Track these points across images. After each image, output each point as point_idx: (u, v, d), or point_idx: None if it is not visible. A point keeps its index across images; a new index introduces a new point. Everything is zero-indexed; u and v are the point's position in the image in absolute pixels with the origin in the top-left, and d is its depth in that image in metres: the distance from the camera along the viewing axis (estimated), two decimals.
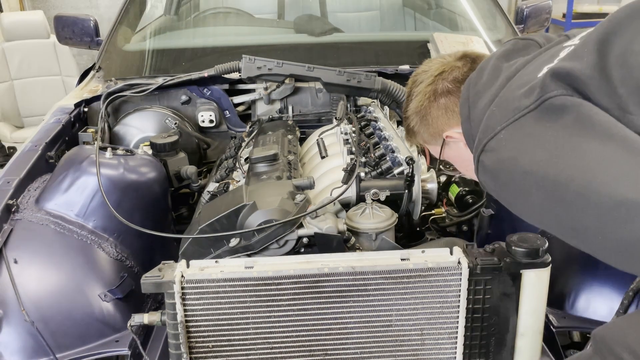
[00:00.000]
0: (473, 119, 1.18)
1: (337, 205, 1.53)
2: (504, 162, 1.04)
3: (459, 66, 1.32)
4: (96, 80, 2.53)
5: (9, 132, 4.74)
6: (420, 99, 1.34)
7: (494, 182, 1.09)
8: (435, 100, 1.32)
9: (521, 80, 1.08)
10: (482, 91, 1.17)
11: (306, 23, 2.82)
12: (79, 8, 6.26)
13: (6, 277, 1.43)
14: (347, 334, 1.26)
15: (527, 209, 1.05)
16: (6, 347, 1.35)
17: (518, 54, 1.21)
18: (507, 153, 1.03)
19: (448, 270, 1.22)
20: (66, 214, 1.64)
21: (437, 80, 1.32)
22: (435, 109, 1.33)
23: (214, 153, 2.37)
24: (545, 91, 0.99)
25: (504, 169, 1.04)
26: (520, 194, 1.02)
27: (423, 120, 1.36)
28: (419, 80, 1.37)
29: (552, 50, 1.13)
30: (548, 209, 0.98)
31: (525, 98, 1.02)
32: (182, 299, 1.20)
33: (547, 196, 0.96)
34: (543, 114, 0.98)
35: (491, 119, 1.09)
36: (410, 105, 1.37)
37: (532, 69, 1.10)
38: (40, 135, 2.00)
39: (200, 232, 1.43)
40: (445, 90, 1.31)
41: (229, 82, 2.38)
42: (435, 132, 1.36)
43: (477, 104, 1.17)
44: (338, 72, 2.11)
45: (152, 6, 3.07)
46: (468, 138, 1.22)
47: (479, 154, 1.09)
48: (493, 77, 1.17)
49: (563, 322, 1.43)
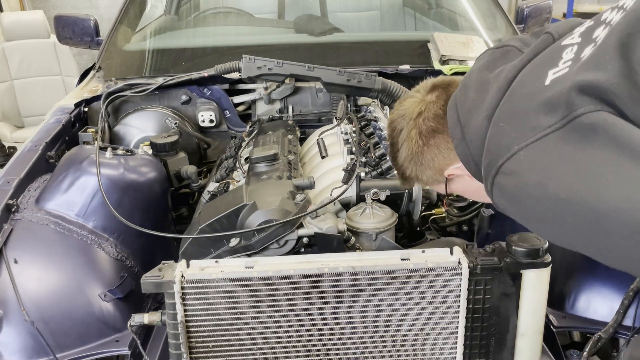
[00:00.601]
0: (470, 138, 1.12)
1: (337, 205, 1.53)
2: (528, 187, 0.96)
3: (434, 101, 1.25)
4: (96, 80, 2.53)
5: (9, 132, 4.74)
6: (408, 146, 1.27)
7: (515, 206, 1.02)
8: (424, 144, 1.25)
9: (526, 90, 1.02)
10: (473, 108, 1.11)
11: (306, 23, 2.82)
12: (79, 8, 6.26)
13: (6, 277, 1.43)
14: (347, 333, 1.26)
15: (559, 235, 0.98)
16: (6, 347, 1.35)
17: (499, 62, 1.15)
18: (532, 177, 0.95)
19: (448, 270, 1.22)
20: (66, 214, 1.64)
21: (418, 123, 1.25)
22: (428, 152, 1.26)
23: (214, 153, 2.37)
24: (572, 108, 0.90)
25: (529, 195, 0.96)
26: (551, 221, 0.95)
27: (419, 166, 1.29)
28: (398, 128, 1.29)
29: (548, 52, 1.07)
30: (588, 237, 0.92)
31: (546, 115, 0.94)
32: (182, 299, 1.20)
33: (588, 225, 0.89)
34: (571, 133, 0.90)
35: (502, 137, 1.01)
36: (400, 155, 1.30)
37: (533, 76, 1.03)
38: (41, 135, 2.00)
39: (201, 232, 1.43)
40: (431, 130, 1.24)
41: (229, 82, 2.38)
42: (435, 173, 1.29)
43: (470, 122, 1.11)
44: (338, 72, 2.10)
45: (152, 6, 3.07)
46: (466, 159, 1.16)
47: (494, 176, 1.02)
48: (481, 91, 1.11)
49: (563, 322, 1.43)
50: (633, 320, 1.36)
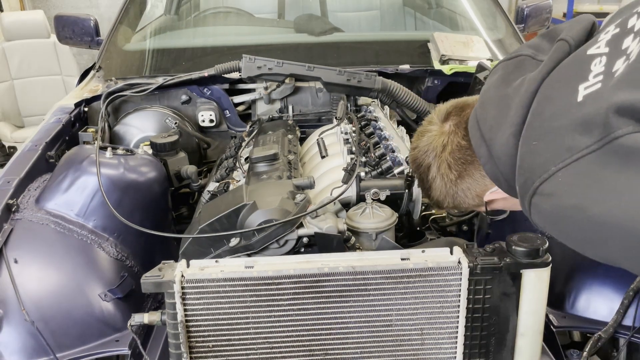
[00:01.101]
0: (497, 156, 1.10)
1: (337, 204, 1.53)
2: (567, 210, 0.94)
3: (453, 130, 1.23)
4: (96, 80, 2.53)
5: (9, 132, 4.74)
6: (441, 182, 1.26)
7: (554, 227, 1.01)
8: (457, 177, 1.25)
9: (557, 107, 0.99)
10: (496, 125, 1.09)
11: (306, 23, 2.82)
12: (79, 8, 6.26)
13: (6, 276, 1.43)
14: (347, 333, 1.26)
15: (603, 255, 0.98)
16: (6, 346, 1.35)
17: (515, 74, 1.13)
18: (571, 200, 0.93)
19: (448, 270, 1.22)
20: (66, 214, 1.64)
21: (446, 157, 1.24)
22: (462, 183, 1.25)
23: (214, 153, 2.37)
24: (610, 130, 0.88)
25: (568, 217, 0.95)
26: (594, 243, 0.95)
27: (457, 198, 1.28)
28: (425, 164, 1.28)
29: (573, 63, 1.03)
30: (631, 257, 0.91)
31: (582, 136, 0.91)
32: (182, 299, 1.20)
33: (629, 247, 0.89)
34: (610, 156, 0.88)
35: (537, 156, 0.99)
36: (433, 191, 1.30)
37: (562, 91, 1.00)
38: (41, 135, 2.00)
39: (201, 232, 1.43)
40: (461, 162, 1.23)
41: (229, 82, 2.38)
42: (473, 200, 1.28)
43: (495, 139, 1.09)
44: (338, 71, 2.10)
45: (153, 6, 3.07)
46: (496, 177, 1.15)
47: (531, 196, 1.00)
48: (503, 106, 1.09)
49: (563, 322, 1.43)
50: (633, 320, 1.36)
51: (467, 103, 1.26)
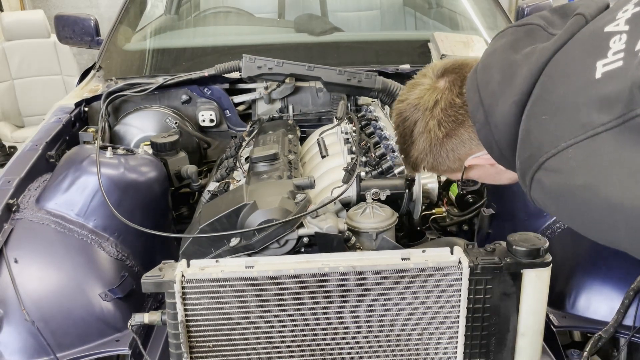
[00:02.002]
0: (495, 123, 1.05)
1: (338, 204, 1.53)
2: (574, 187, 0.91)
3: (448, 87, 1.17)
4: (96, 80, 2.53)
5: (9, 132, 4.74)
6: (427, 138, 1.19)
7: (556, 204, 0.98)
8: (445, 136, 1.17)
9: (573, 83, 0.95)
10: (499, 91, 1.04)
11: (306, 22, 2.82)
12: (80, 7, 6.26)
13: (6, 276, 1.43)
14: (347, 333, 1.26)
15: (609, 239, 0.95)
16: (6, 346, 1.35)
17: (524, 42, 1.08)
18: (580, 178, 0.90)
19: (449, 270, 1.22)
20: (66, 214, 1.64)
21: (436, 114, 1.17)
22: (449, 143, 1.18)
23: (215, 152, 2.37)
24: (632, 107, 0.84)
25: (575, 195, 0.91)
26: (602, 225, 0.91)
27: (438, 158, 1.21)
28: (412, 119, 1.20)
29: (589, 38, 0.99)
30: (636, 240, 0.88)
31: (599, 113, 0.88)
32: (182, 299, 1.20)
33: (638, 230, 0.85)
34: (628, 134, 0.85)
35: (546, 131, 0.96)
36: (415, 147, 1.22)
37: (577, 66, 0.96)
38: (41, 135, 2.00)
39: (201, 232, 1.43)
40: (452, 121, 1.16)
41: (229, 82, 2.38)
42: (454, 162, 1.22)
43: (496, 105, 1.05)
44: (338, 71, 2.10)
45: (153, 6, 3.07)
46: (489, 145, 1.10)
47: (535, 171, 0.97)
48: (509, 73, 1.04)
49: (563, 322, 1.43)
50: (633, 320, 1.36)
51: (465, 62, 1.20)
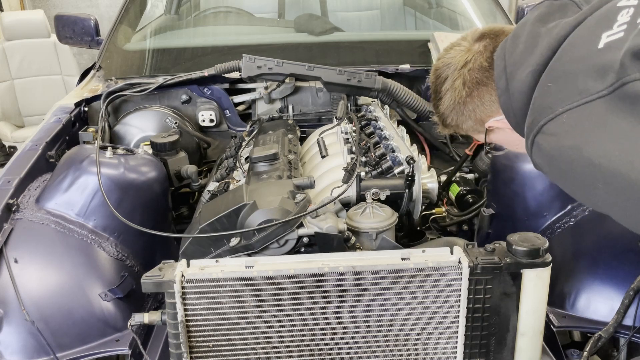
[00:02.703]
0: (512, 91, 1.12)
1: (338, 204, 1.53)
2: (565, 150, 0.97)
3: (481, 51, 1.24)
4: (96, 80, 2.53)
5: (9, 132, 4.74)
6: (452, 95, 1.27)
7: (551, 167, 1.04)
8: (468, 95, 1.25)
9: (579, 51, 1.00)
10: (520, 60, 1.11)
11: (306, 22, 2.82)
12: (80, 7, 6.26)
13: (6, 276, 1.43)
14: (347, 333, 1.26)
15: (590, 199, 1.01)
16: (7, 346, 1.35)
17: (554, 16, 1.12)
18: (570, 140, 0.96)
19: (448, 269, 1.22)
20: (66, 214, 1.64)
21: (463, 73, 1.25)
22: (470, 102, 1.26)
23: (215, 152, 2.37)
24: (622, 75, 0.89)
25: (566, 157, 0.97)
26: (584, 185, 0.97)
27: (460, 116, 1.30)
28: (443, 76, 1.29)
29: (603, 12, 1.04)
30: (616, 203, 0.93)
31: (595, 80, 0.93)
32: (182, 299, 1.20)
33: (617, 192, 0.91)
34: (618, 101, 0.90)
35: (548, 97, 1.02)
36: (442, 103, 1.30)
37: (585, 37, 1.01)
38: (41, 135, 2.00)
39: (201, 232, 1.43)
40: (475, 82, 1.24)
41: (229, 82, 2.38)
42: (476, 123, 1.30)
43: (515, 74, 1.11)
44: (338, 71, 2.10)
45: (153, 5, 3.07)
46: (508, 112, 1.16)
47: (535, 134, 1.03)
48: (531, 44, 1.10)
49: (563, 322, 1.43)
50: (633, 320, 1.36)
51: (503, 30, 1.26)
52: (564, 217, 1.62)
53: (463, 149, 2.17)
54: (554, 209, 1.64)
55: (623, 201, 0.92)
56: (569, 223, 1.60)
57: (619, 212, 0.97)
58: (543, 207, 1.66)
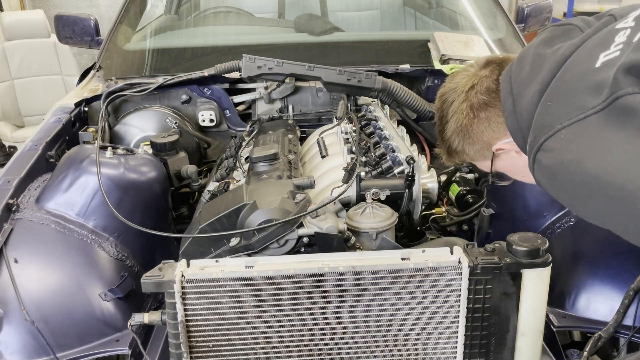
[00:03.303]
0: (520, 112, 1.14)
1: (338, 204, 1.53)
2: (564, 164, 1.00)
3: (487, 75, 1.26)
4: (96, 80, 2.53)
5: (9, 132, 4.74)
6: (458, 118, 1.28)
7: (551, 182, 1.06)
8: (475, 117, 1.27)
9: (577, 71, 1.03)
10: (527, 81, 1.13)
11: (306, 22, 2.82)
12: (80, 7, 6.27)
13: (6, 276, 1.43)
14: (347, 333, 1.26)
15: (588, 212, 1.03)
16: (6, 346, 1.35)
17: (559, 40, 1.16)
18: (569, 155, 0.98)
19: (448, 269, 1.22)
20: (66, 214, 1.64)
21: (470, 96, 1.26)
22: (477, 125, 1.27)
23: (215, 152, 2.37)
24: (616, 89, 0.93)
25: (565, 171, 1.00)
26: (582, 197, 0.99)
27: (466, 139, 1.30)
28: (449, 100, 1.30)
29: (603, 34, 1.07)
30: (613, 214, 0.95)
31: (591, 97, 0.96)
32: (182, 299, 1.20)
33: (614, 204, 0.93)
34: (612, 115, 0.93)
35: (548, 115, 1.05)
36: (448, 127, 1.31)
37: (584, 56, 1.05)
38: (41, 135, 2.00)
39: (201, 232, 1.43)
40: (482, 104, 1.25)
41: (229, 82, 2.38)
42: (482, 147, 1.30)
43: (522, 95, 1.13)
44: (338, 71, 2.10)
45: (153, 5, 3.07)
46: (516, 133, 1.17)
47: (536, 152, 1.05)
48: (537, 65, 1.12)
49: (563, 322, 1.43)
50: (633, 319, 1.36)
51: (508, 57, 1.29)
52: (564, 217, 1.62)
53: None
54: (554, 209, 1.64)
55: (620, 213, 0.94)
56: (569, 223, 1.60)
57: (617, 223, 0.98)
58: (543, 207, 1.66)
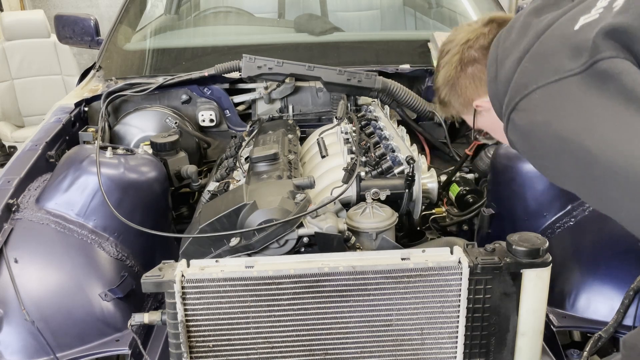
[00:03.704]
0: (500, 79, 1.15)
1: (338, 204, 1.53)
2: (537, 125, 1.01)
3: (485, 33, 1.29)
4: (96, 80, 2.53)
5: (9, 132, 4.74)
6: (448, 69, 1.33)
7: (524, 142, 1.07)
8: (462, 70, 1.31)
9: (556, 33, 1.05)
10: (510, 48, 1.15)
11: (306, 22, 2.82)
12: (80, 7, 6.27)
13: (6, 276, 1.43)
14: (347, 333, 1.26)
15: (556, 173, 1.04)
16: (7, 346, 1.35)
17: (549, 10, 1.16)
18: (541, 116, 1.00)
19: (448, 269, 1.22)
20: (66, 214, 1.64)
21: (463, 49, 1.31)
22: (463, 79, 1.32)
23: (215, 152, 2.37)
24: (595, 53, 0.93)
25: (536, 132, 1.02)
26: (551, 158, 1.01)
27: (452, 91, 1.35)
28: (445, 50, 1.36)
29: (588, 1, 1.07)
30: (578, 177, 0.97)
31: (569, 59, 0.97)
32: (182, 299, 1.20)
33: (579, 165, 0.94)
34: (589, 79, 0.94)
35: (524, 76, 1.06)
36: (439, 76, 1.37)
37: (565, 20, 1.06)
38: (41, 135, 2.00)
39: (201, 232, 1.43)
40: (472, 59, 1.30)
41: (229, 82, 2.38)
42: (466, 101, 1.35)
43: (504, 62, 1.15)
44: (338, 71, 2.10)
45: (153, 5, 3.07)
46: (494, 99, 1.20)
47: (510, 112, 1.07)
48: (522, 34, 1.14)
49: (563, 322, 1.43)
50: (633, 319, 1.36)
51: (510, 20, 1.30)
52: (564, 217, 1.62)
53: (463, 149, 2.17)
54: (554, 209, 1.64)
55: (584, 175, 0.95)
56: (569, 223, 1.60)
57: (581, 186, 1.00)
58: (543, 207, 1.66)
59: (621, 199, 0.91)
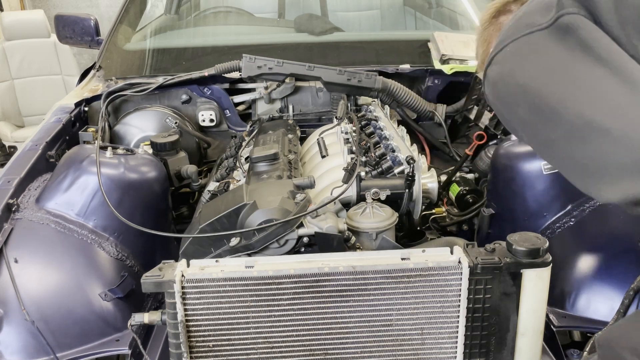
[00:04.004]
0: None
1: (338, 204, 1.53)
2: (503, 75, 1.07)
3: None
4: (96, 80, 2.53)
5: (9, 131, 4.74)
6: (482, 16, 1.38)
7: (492, 93, 1.12)
8: (494, 17, 1.35)
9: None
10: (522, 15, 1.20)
11: (307, 22, 2.82)
12: (80, 7, 6.27)
13: (6, 276, 1.43)
14: (347, 333, 1.26)
15: (513, 121, 1.09)
16: (7, 346, 1.35)
17: None
18: (508, 66, 1.06)
19: (448, 269, 1.22)
20: (66, 214, 1.64)
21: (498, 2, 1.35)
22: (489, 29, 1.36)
23: (215, 152, 2.37)
24: (560, 8, 0.99)
25: (502, 81, 1.08)
26: (511, 106, 1.06)
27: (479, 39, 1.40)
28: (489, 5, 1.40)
29: None
30: (529, 122, 1.02)
31: (541, 16, 1.02)
32: (182, 299, 1.20)
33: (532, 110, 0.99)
34: (554, 32, 0.99)
35: (504, 33, 1.11)
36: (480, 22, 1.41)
37: None
38: (41, 135, 2.00)
39: (201, 232, 1.43)
40: (507, 10, 1.33)
41: (229, 82, 2.38)
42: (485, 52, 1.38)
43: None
44: (338, 71, 2.10)
45: (153, 5, 3.07)
46: None
47: (487, 66, 1.12)
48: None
49: (563, 322, 1.43)
50: None
51: None
52: (564, 217, 1.62)
53: (463, 149, 2.17)
54: (554, 209, 1.64)
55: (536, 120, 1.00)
56: (569, 223, 1.60)
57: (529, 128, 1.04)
58: (543, 207, 1.66)
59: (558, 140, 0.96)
